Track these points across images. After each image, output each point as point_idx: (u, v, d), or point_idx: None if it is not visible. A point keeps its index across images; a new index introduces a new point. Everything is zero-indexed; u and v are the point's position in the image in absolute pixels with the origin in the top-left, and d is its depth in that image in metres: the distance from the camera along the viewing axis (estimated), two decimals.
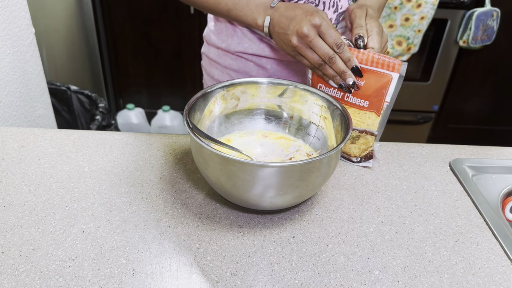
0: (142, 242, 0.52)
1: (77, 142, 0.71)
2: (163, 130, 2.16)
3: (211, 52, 0.84)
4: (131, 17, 2.01)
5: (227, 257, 0.51)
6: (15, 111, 0.95)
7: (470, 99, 2.06)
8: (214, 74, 0.85)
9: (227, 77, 0.83)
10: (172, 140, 0.73)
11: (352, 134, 0.66)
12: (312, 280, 0.49)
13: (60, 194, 0.59)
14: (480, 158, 0.73)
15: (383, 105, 0.62)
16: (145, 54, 2.12)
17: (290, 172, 0.49)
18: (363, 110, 0.63)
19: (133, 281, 0.47)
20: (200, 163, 0.54)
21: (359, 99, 0.63)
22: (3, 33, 0.89)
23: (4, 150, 0.68)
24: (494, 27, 1.78)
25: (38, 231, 0.53)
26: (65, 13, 1.85)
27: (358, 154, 0.67)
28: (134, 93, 2.25)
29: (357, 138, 0.66)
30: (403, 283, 0.49)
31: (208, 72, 0.87)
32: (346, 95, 0.64)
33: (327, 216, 0.58)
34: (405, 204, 0.62)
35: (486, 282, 0.50)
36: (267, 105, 0.67)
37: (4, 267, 0.48)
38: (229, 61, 0.81)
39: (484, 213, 0.60)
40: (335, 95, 0.65)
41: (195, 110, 0.59)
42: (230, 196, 0.55)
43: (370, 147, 0.66)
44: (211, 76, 0.86)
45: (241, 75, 0.82)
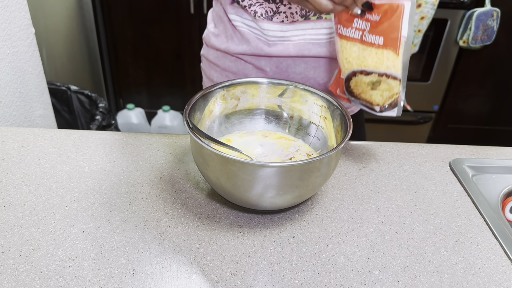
0: (142, 242, 0.52)
1: (77, 142, 0.71)
2: (163, 130, 2.16)
3: (210, 54, 0.84)
4: (131, 18, 2.01)
5: (227, 257, 0.51)
6: (15, 111, 0.95)
7: (470, 99, 2.06)
8: (213, 76, 0.85)
9: (225, 79, 0.83)
10: (172, 140, 0.73)
11: (371, 78, 0.61)
12: (312, 280, 0.49)
13: (60, 194, 0.59)
14: (480, 158, 0.73)
15: (400, 40, 0.57)
16: (145, 54, 2.12)
17: (290, 172, 0.49)
18: (380, 48, 0.59)
19: (133, 281, 0.47)
20: (200, 163, 0.54)
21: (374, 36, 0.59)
22: (3, 33, 0.89)
23: (4, 150, 0.68)
24: (494, 27, 1.79)
25: (38, 231, 0.53)
26: (65, 13, 1.85)
27: (382, 102, 0.62)
28: (134, 93, 2.25)
29: (377, 83, 0.61)
30: (403, 283, 0.49)
31: (208, 75, 0.87)
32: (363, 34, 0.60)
33: (327, 216, 0.58)
34: (405, 204, 0.62)
35: (486, 282, 0.50)
36: (267, 105, 0.67)
37: (4, 267, 0.48)
38: (228, 63, 0.81)
39: (484, 213, 0.60)
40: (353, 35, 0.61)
41: (195, 110, 0.59)
42: (230, 196, 0.55)
43: (396, 94, 0.60)
44: (210, 78, 0.86)
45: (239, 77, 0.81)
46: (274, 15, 0.72)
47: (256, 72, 0.79)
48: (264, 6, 0.71)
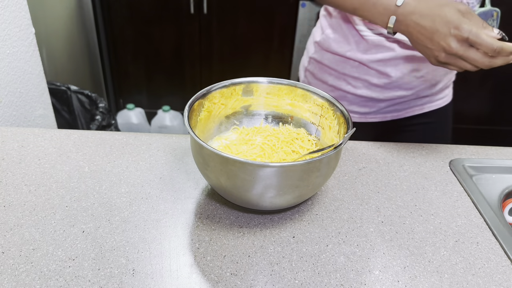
0: (142, 242, 0.52)
1: (77, 142, 0.71)
2: (163, 130, 2.15)
3: (325, 58, 0.85)
4: (131, 17, 2.01)
5: (227, 257, 0.51)
6: (15, 111, 0.95)
7: (470, 99, 2.06)
8: (327, 80, 0.87)
9: (344, 83, 0.85)
10: (172, 140, 0.73)
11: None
12: (312, 280, 0.49)
13: (60, 194, 0.59)
14: (480, 158, 0.73)
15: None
16: (145, 54, 2.12)
17: (290, 172, 0.49)
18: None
19: (133, 281, 0.47)
20: (200, 163, 0.54)
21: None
22: (3, 33, 0.89)
23: (4, 150, 0.68)
24: (494, 27, 1.79)
25: (38, 231, 0.53)
26: (65, 13, 1.85)
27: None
28: (134, 93, 2.25)
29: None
30: (403, 283, 0.49)
31: (319, 77, 0.88)
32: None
33: (327, 216, 0.58)
34: (405, 204, 0.62)
35: (486, 282, 0.50)
36: (267, 105, 0.67)
37: (4, 267, 0.48)
38: (349, 69, 0.83)
39: (484, 213, 0.60)
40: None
41: (195, 110, 0.59)
42: (230, 196, 0.55)
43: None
44: (323, 81, 0.88)
45: (360, 81, 0.84)
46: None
47: (379, 77, 0.82)
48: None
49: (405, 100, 0.86)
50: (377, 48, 0.79)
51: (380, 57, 0.79)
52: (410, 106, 0.89)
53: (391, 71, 0.80)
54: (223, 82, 0.63)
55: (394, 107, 0.88)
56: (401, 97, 0.85)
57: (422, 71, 0.80)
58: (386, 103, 0.86)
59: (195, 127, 0.59)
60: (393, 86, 0.83)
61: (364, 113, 0.88)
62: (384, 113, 0.89)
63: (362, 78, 0.83)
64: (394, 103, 0.87)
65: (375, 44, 0.78)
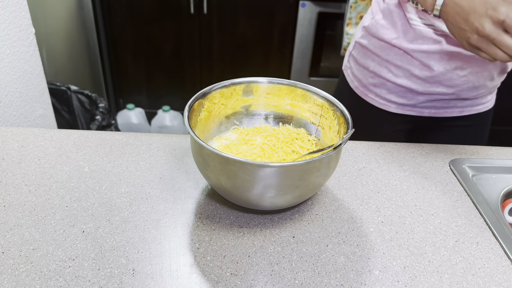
0: (142, 242, 0.52)
1: (77, 142, 0.71)
2: (163, 130, 2.15)
3: (371, 43, 0.84)
4: (131, 17, 2.01)
5: (227, 257, 0.51)
6: (15, 111, 0.95)
7: None
8: (369, 65, 0.86)
9: (385, 70, 0.84)
10: (172, 140, 0.73)
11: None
12: (312, 280, 0.49)
13: (60, 194, 0.59)
14: (480, 158, 0.73)
15: None
16: (145, 54, 2.12)
17: (290, 172, 0.49)
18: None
19: (133, 281, 0.47)
20: (200, 163, 0.54)
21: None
22: (3, 33, 0.89)
23: (4, 150, 0.68)
24: None
25: (38, 231, 0.53)
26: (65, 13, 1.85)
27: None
28: (134, 93, 2.25)
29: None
30: (403, 283, 0.49)
31: (361, 63, 0.88)
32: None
33: (327, 216, 0.58)
34: (405, 204, 0.62)
35: (486, 282, 0.50)
36: (267, 105, 0.67)
37: (4, 267, 0.48)
38: (392, 56, 0.82)
39: (484, 213, 0.60)
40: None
41: (195, 110, 0.59)
42: (230, 196, 0.55)
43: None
44: (364, 67, 0.87)
45: (402, 71, 0.82)
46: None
47: (421, 69, 0.80)
48: None
49: (445, 98, 0.85)
50: (424, 39, 0.77)
51: (425, 48, 0.78)
52: (449, 106, 0.87)
53: (434, 65, 0.79)
54: (223, 82, 0.63)
55: (433, 103, 0.86)
56: (442, 93, 0.83)
57: (466, 70, 0.79)
58: (425, 97, 0.85)
59: (195, 127, 0.59)
60: (435, 80, 0.81)
61: (402, 104, 0.87)
62: (422, 107, 0.87)
63: (404, 68, 0.82)
64: (433, 99, 0.85)
65: (422, 34, 0.77)
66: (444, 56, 0.78)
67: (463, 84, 0.81)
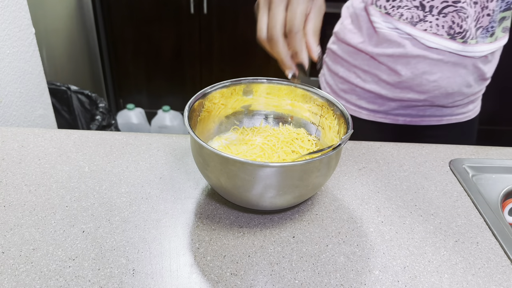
0: (142, 242, 0.52)
1: (77, 142, 0.71)
2: (163, 130, 2.15)
3: (340, 48, 0.84)
4: (131, 17, 2.01)
5: (227, 257, 0.51)
6: (15, 111, 0.95)
7: None
8: (339, 71, 0.85)
9: (353, 75, 0.83)
10: (172, 140, 0.73)
11: None
12: (312, 280, 0.49)
13: (60, 194, 0.59)
14: (480, 158, 0.73)
15: None
16: (145, 54, 2.12)
17: (290, 172, 0.49)
18: None
19: (133, 281, 0.47)
20: (200, 163, 0.54)
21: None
22: (3, 33, 0.89)
23: (4, 150, 0.68)
24: None
25: (38, 231, 0.53)
26: (65, 13, 1.85)
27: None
28: (134, 93, 2.25)
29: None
30: (403, 283, 0.49)
31: (332, 69, 0.87)
32: None
33: (327, 216, 0.58)
34: (405, 204, 0.62)
35: (486, 282, 0.50)
36: (267, 105, 0.67)
37: (4, 267, 0.48)
38: (360, 61, 0.81)
39: (484, 213, 0.60)
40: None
41: (195, 110, 0.59)
42: (230, 196, 0.55)
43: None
44: (335, 72, 0.86)
45: (369, 75, 0.82)
46: (419, 22, 0.72)
47: (388, 74, 0.80)
48: (412, 11, 0.72)
49: (418, 105, 0.83)
50: (388, 42, 0.77)
51: (390, 52, 0.78)
52: (426, 115, 0.86)
53: (401, 69, 0.78)
54: (223, 82, 0.63)
55: (407, 110, 0.85)
56: (413, 100, 0.82)
57: (435, 75, 0.78)
58: (396, 103, 0.84)
59: (195, 127, 0.59)
60: (404, 86, 0.80)
61: (373, 111, 0.86)
62: (395, 115, 0.86)
63: (372, 72, 0.81)
64: (406, 105, 0.84)
65: (386, 38, 0.77)
66: (410, 60, 0.77)
67: (435, 90, 0.80)
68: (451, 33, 0.72)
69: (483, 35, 0.74)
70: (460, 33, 0.72)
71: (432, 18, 0.71)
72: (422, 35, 0.73)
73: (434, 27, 0.72)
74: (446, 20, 0.70)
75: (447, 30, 0.72)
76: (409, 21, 0.73)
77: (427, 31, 0.73)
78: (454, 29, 0.71)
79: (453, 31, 0.71)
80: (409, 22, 0.73)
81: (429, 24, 0.72)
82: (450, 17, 0.70)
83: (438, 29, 0.72)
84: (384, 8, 0.74)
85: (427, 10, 0.71)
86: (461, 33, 0.72)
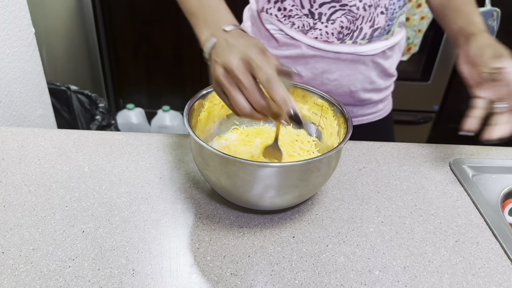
0: (142, 242, 0.52)
1: (77, 142, 0.71)
2: (163, 130, 2.15)
3: None
4: (131, 17, 2.01)
5: (227, 257, 0.51)
6: (15, 111, 0.95)
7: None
8: None
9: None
10: (172, 140, 0.73)
11: None
12: (312, 280, 0.49)
13: (60, 194, 0.59)
14: (480, 158, 0.73)
15: None
16: (145, 54, 2.12)
17: (290, 172, 0.49)
18: None
19: (133, 281, 0.47)
20: (200, 163, 0.54)
21: None
22: (3, 33, 0.89)
23: (4, 150, 0.68)
24: (494, 27, 1.78)
25: (38, 231, 0.53)
26: (65, 13, 1.85)
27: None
28: (134, 93, 2.25)
29: None
30: (403, 283, 0.49)
31: None
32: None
33: (327, 216, 0.58)
34: (405, 204, 0.62)
35: (486, 282, 0.50)
36: None
37: (4, 267, 0.48)
38: None
39: (484, 213, 0.60)
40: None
41: (195, 110, 0.59)
42: (230, 196, 0.55)
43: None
44: None
45: None
46: (309, 30, 0.72)
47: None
48: (302, 19, 0.72)
49: None
50: (285, 45, 0.77)
51: (288, 53, 0.77)
52: None
53: (302, 70, 0.78)
54: None
55: None
56: None
57: (335, 73, 0.77)
58: None
59: (195, 127, 0.59)
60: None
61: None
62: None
63: None
64: None
65: (282, 41, 0.76)
66: (309, 60, 0.76)
67: (338, 89, 0.79)
68: (340, 37, 0.72)
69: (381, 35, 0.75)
70: (349, 34, 0.71)
71: (321, 26, 0.71)
72: (313, 43, 0.73)
73: (324, 35, 0.72)
74: (335, 27, 0.70)
75: (337, 36, 0.72)
76: (301, 30, 0.73)
77: (317, 39, 0.73)
78: (343, 33, 0.71)
79: (342, 34, 0.72)
80: (300, 30, 0.73)
81: (319, 32, 0.72)
82: (338, 23, 0.70)
83: (328, 37, 0.72)
84: (275, 16, 0.74)
85: (316, 17, 0.71)
86: (349, 34, 0.71)
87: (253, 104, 0.47)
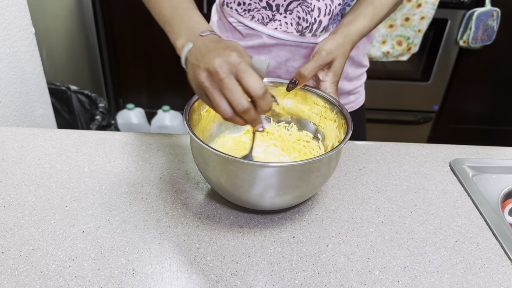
0: (142, 242, 0.52)
1: (77, 142, 0.71)
2: (163, 130, 2.15)
3: None
4: (131, 17, 2.01)
5: (227, 257, 0.51)
6: (15, 111, 0.95)
7: (470, 99, 2.06)
8: None
9: None
10: (172, 140, 0.73)
11: None
12: (312, 280, 0.49)
13: (60, 194, 0.59)
14: (480, 158, 0.73)
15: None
16: (145, 54, 2.12)
17: (290, 172, 0.49)
18: None
19: (133, 281, 0.47)
20: (200, 163, 0.54)
21: None
22: (3, 33, 0.89)
23: (4, 150, 0.68)
24: (494, 27, 1.78)
25: (38, 231, 0.53)
26: (65, 13, 1.85)
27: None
28: (134, 93, 2.25)
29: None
30: (403, 283, 0.49)
31: None
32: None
33: (327, 216, 0.58)
34: (405, 204, 0.62)
35: (486, 282, 0.50)
36: None
37: (4, 267, 0.48)
38: None
39: (484, 213, 0.60)
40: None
41: (195, 110, 0.59)
42: (230, 196, 0.55)
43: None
44: None
45: None
46: (269, 22, 0.73)
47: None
48: (261, 12, 0.73)
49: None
50: (248, 36, 0.77)
51: (251, 43, 0.77)
52: None
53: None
54: None
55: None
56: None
57: (298, 61, 0.76)
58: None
59: (195, 127, 0.59)
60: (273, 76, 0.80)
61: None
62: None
63: None
64: None
65: (245, 32, 0.77)
66: (271, 49, 0.77)
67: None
68: (299, 29, 0.72)
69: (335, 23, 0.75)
70: (308, 27, 0.72)
71: (280, 17, 0.72)
72: (273, 33, 0.74)
73: (283, 25, 0.73)
74: (293, 17, 0.71)
75: (296, 27, 0.72)
76: (261, 22, 0.74)
77: (277, 29, 0.74)
78: (301, 25, 0.72)
79: (301, 27, 0.72)
80: (260, 22, 0.74)
81: (279, 23, 0.73)
82: (295, 13, 0.71)
83: (287, 27, 0.73)
84: (236, 10, 0.75)
85: (274, 9, 0.72)
86: (308, 27, 0.72)
87: (235, 107, 0.47)
